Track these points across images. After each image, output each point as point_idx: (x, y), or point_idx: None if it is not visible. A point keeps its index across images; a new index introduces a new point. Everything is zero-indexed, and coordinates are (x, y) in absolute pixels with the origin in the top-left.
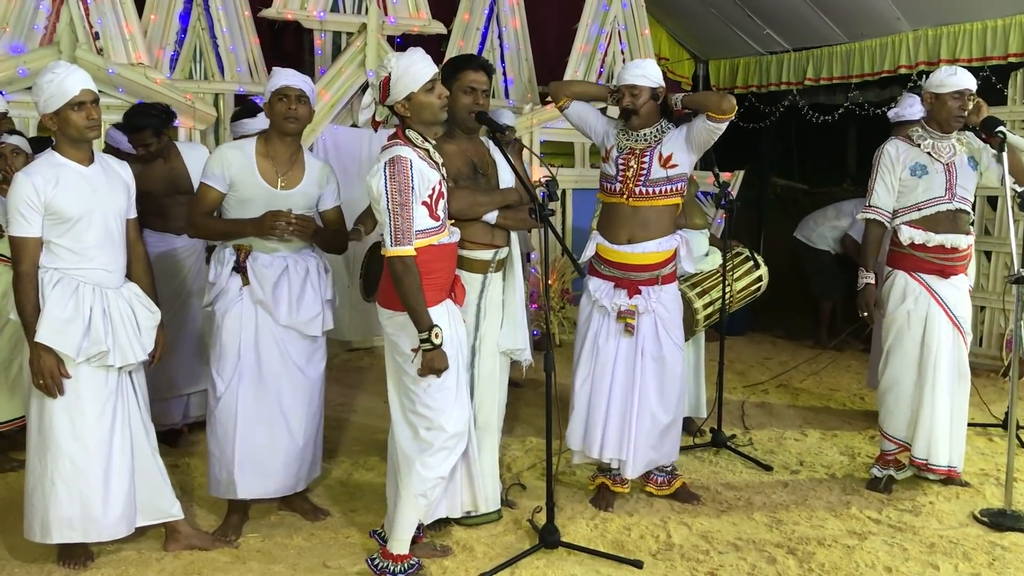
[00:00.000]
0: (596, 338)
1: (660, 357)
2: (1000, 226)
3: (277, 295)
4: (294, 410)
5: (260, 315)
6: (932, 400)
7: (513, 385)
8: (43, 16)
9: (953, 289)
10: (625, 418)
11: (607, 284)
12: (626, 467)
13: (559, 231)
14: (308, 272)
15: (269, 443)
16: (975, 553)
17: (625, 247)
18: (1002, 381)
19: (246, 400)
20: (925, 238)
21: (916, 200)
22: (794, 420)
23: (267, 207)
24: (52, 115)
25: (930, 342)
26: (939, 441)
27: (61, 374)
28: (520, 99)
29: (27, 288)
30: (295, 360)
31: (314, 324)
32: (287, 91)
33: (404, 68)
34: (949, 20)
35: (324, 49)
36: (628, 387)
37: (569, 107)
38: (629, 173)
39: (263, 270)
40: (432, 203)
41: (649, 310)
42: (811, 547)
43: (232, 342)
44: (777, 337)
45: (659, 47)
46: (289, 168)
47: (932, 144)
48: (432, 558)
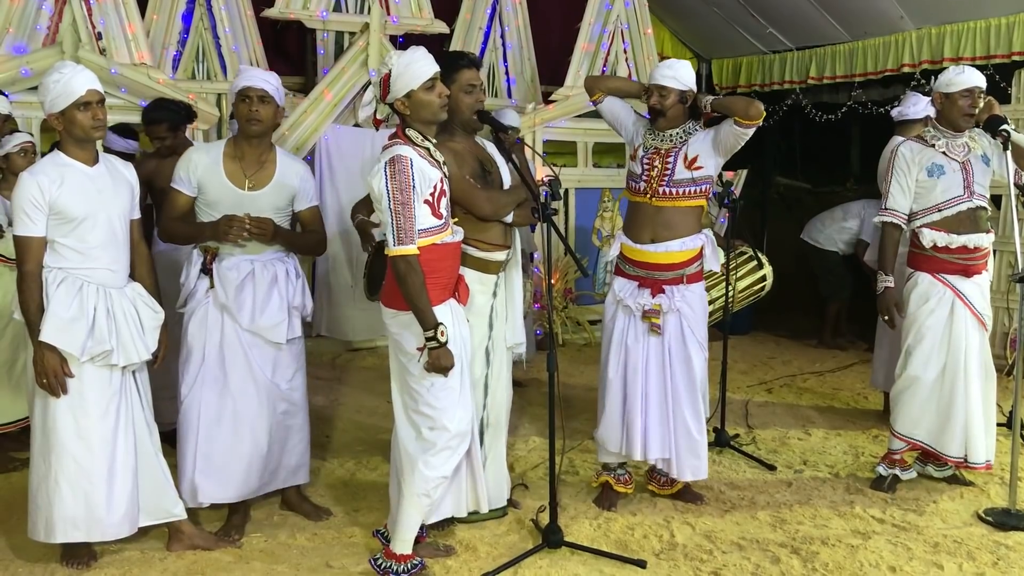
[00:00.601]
0: (623, 338)
1: (686, 358)
2: (1004, 224)
3: (241, 299)
4: (258, 415)
5: (225, 319)
6: (966, 398)
7: (516, 385)
8: (46, 16)
9: (975, 286)
10: (664, 419)
11: (631, 284)
12: (672, 466)
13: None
14: (276, 277)
15: (230, 447)
16: (979, 553)
17: (648, 246)
18: (1007, 380)
19: (207, 404)
20: (948, 240)
21: (936, 201)
22: (797, 419)
23: (234, 209)
24: (58, 115)
25: (958, 341)
26: (976, 438)
27: (65, 373)
28: (523, 98)
29: (31, 287)
30: (259, 366)
31: (277, 330)
32: (249, 92)
33: (404, 65)
34: (952, 19)
35: (327, 49)
36: (662, 387)
37: (603, 102)
38: (654, 173)
39: (227, 273)
40: (434, 201)
41: (674, 309)
42: (815, 547)
43: (197, 345)
44: (781, 337)
45: (662, 46)
46: (258, 169)
47: (946, 143)
48: (435, 558)
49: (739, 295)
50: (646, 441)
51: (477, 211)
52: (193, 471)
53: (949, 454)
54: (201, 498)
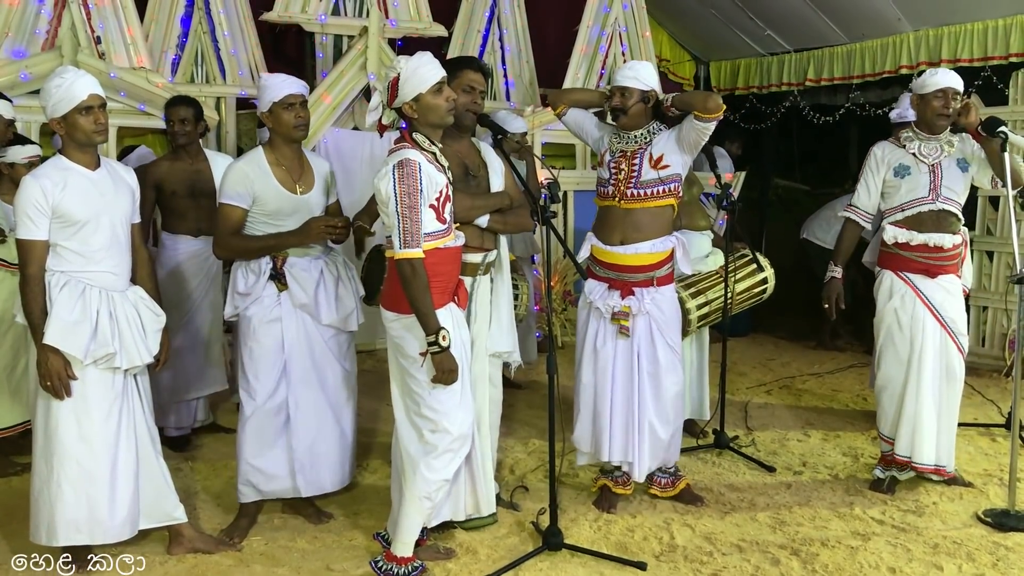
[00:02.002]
0: (595, 340)
1: (655, 360)
2: (1002, 226)
3: (317, 297)
4: (340, 403)
5: (301, 319)
6: (916, 398)
7: (514, 387)
8: (45, 21)
9: (941, 290)
10: (628, 422)
11: (601, 285)
12: (633, 469)
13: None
14: (338, 271)
15: (323, 439)
16: (979, 554)
17: (617, 248)
18: (1005, 381)
19: (297, 400)
20: (908, 236)
21: (900, 201)
22: (797, 421)
23: (293, 214)
24: (60, 119)
25: (915, 341)
26: (923, 439)
27: (68, 376)
28: (521, 101)
29: (34, 291)
30: (336, 356)
31: (352, 319)
32: (291, 99)
33: (412, 69)
34: (950, 20)
35: (325, 52)
36: (628, 391)
37: (567, 114)
38: (620, 176)
39: (302, 274)
40: (439, 206)
41: (643, 311)
42: (815, 548)
43: (274, 347)
44: (780, 339)
45: (660, 49)
46: (301, 172)
47: (918, 146)
48: (435, 561)
49: (738, 297)
50: (611, 442)
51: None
52: (292, 467)
53: (898, 452)
54: (305, 492)
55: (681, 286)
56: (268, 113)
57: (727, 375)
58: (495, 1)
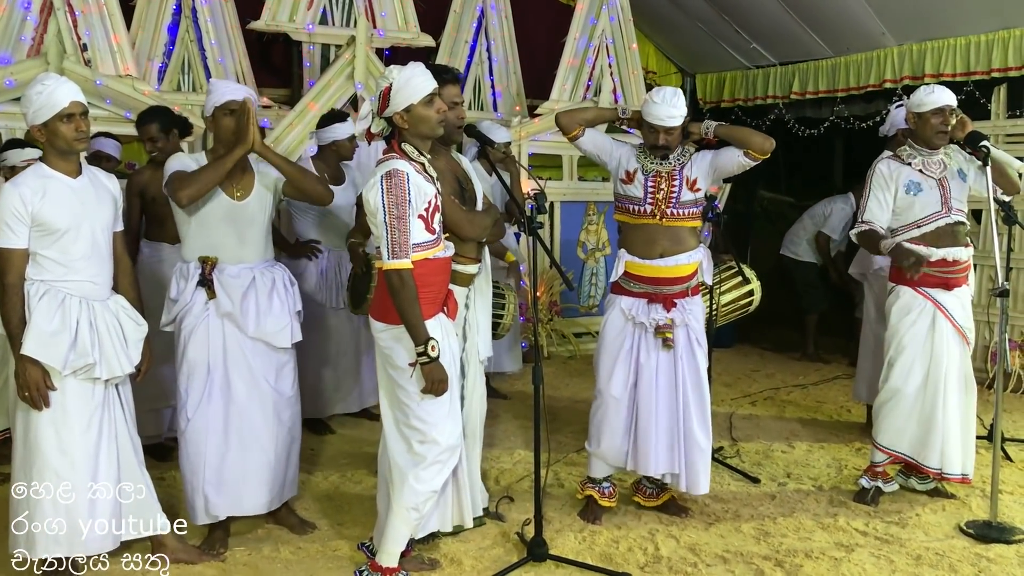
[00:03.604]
0: (633, 354)
1: (696, 369)
2: (984, 239)
3: (245, 307)
4: (266, 426)
5: (227, 329)
6: (944, 411)
7: (500, 397)
8: (31, 27)
9: (956, 300)
10: (674, 432)
11: (639, 301)
12: (680, 480)
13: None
14: (275, 283)
15: (242, 461)
16: (961, 565)
17: (658, 261)
18: (987, 393)
19: (216, 418)
20: (927, 253)
21: (915, 218)
22: (781, 432)
23: (226, 218)
24: (40, 127)
25: (939, 354)
26: (953, 451)
27: (47, 386)
28: (508, 112)
29: (12, 300)
30: (264, 375)
31: (282, 335)
32: (232, 105)
33: (406, 80)
34: (933, 35)
35: (313, 61)
36: (672, 401)
37: (583, 136)
38: (659, 195)
39: (231, 281)
40: (428, 216)
41: (684, 322)
42: (799, 559)
43: (201, 360)
44: (764, 350)
45: (646, 61)
46: (240, 178)
47: (923, 161)
48: (420, 571)
49: (724, 309)
50: (657, 456)
51: (461, 232)
52: (203, 485)
53: (930, 465)
54: (217, 513)
55: None
56: (210, 116)
57: (712, 386)
58: (483, 12)
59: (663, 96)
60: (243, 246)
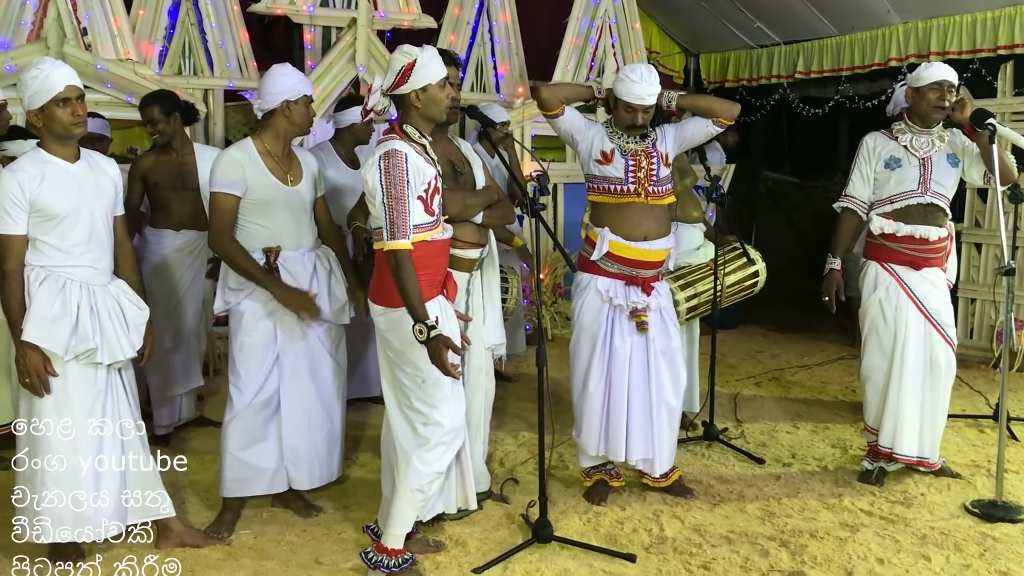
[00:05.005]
0: (609, 338)
1: (668, 341)
2: (990, 218)
3: (311, 290)
4: (331, 398)
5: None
6: (898, 389)
7: (504, 380)
8: (30, 12)
9: (925, 282)
10: (647, 416)
11: (617, 282)
12: (653, 465)
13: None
14: (330, 265)
15: (314, 433)
16: (966, 544)
17: (642, 243)
18: (993, 373)
19: (289, 395)
20: (894, 228)
21: (889, 192)
22: (786, 413)
23: (284, 206)
24: (37, 111)
25: (899, 332)
26: (904, 431)
27: (48, 372)
28: (511, 93)
29: (13, 286)
30: (328, 350)
31: (344, 313)
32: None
33: (428, 58)
34: (939, 13)
35: (314, 44)
36: (645, 385)
37: (563, 115)
38: (640, 174)
39: (296, 267)
40: (427, 198)
41: (659, 306)
42: (803, 539)
43: (265, 342)
44: (769, 331)
45: (650, 41)
46: (290, 164)
47: (911, 138)
48: (425, 553)
49: (729, 290)
50: (628, 443)
51: (444, 210)
52: (280, 460)
53: (881, 443)
54: (296, 485)
55: (671, 278)
56: (284, 105)
57: (717, 367)
58: None
59: (640, 74)
60: (300, 231)
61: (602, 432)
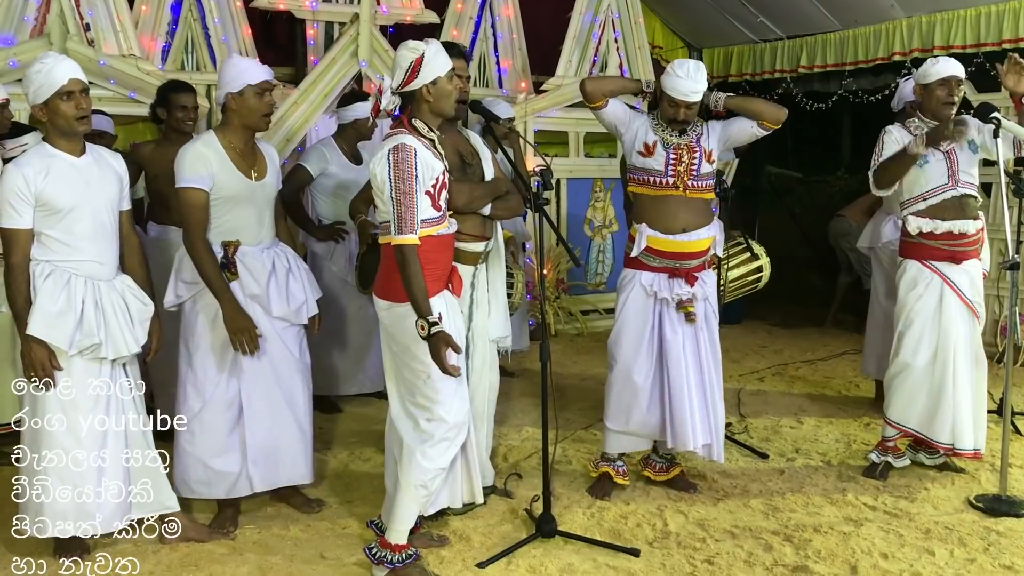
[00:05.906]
0: (658, 331)
1: (713, 340)
2: (994, 212)
3: (269, 287)
4: (295, 396)
5: (251, 309)
6: (954, 385)
7: (508, 375)
8: (33, 7)
9: (965, 274)
10: (705, 404)
11: (661, 276)
12: (712, 449)
13: (554, 220)
14: (288, 262)
15: (279, 433)
16: (970, 539)
17: (680, 236)
18: (997, 367)
19: (250, 394)
20: (932, 226)
21: (921, 190)
22: (790, 408)
23: (249, 200)
24: (41, 106)
25: (947, 328)
26: (964, 425)
27: (53, 367)
28: (514, 88)
29: (18, 280)
30: (288, 347)
31: (302, 312)
32: (267, 85)
33: (435, 52)
34: (943, 7)
35: (316, 39)
36: (700, 374)
37: (606, 107)
38: (681, 168)
39: (254, 263)
40: (435, 193)
41: (704, 296)
42: (807, 534)
43: (224, 340)
44: (773, 325)
45: (653, 35)
46: (254, 158)
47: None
48: (429, 548)
49: (733, 284)
50: (695, 430)
51: (450, 202)
52: (244, 462)
53: (940, 441)
54: (258, 487)
55: None
56: (236, 95)
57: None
58: None
59: (687, 70)
60: (261, 227)
61: (664, 421)
